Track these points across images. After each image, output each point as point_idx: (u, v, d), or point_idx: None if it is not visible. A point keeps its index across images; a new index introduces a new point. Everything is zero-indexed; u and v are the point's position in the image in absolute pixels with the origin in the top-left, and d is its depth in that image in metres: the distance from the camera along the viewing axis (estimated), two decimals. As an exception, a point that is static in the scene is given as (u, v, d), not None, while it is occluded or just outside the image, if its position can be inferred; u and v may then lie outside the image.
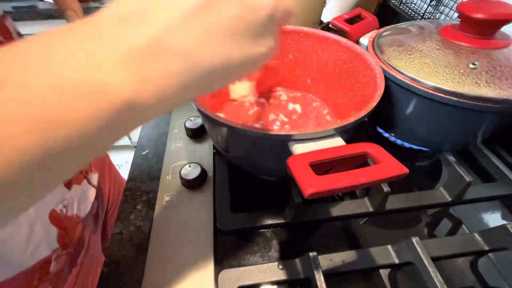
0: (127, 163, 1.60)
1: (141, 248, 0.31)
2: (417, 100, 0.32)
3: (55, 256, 0.31)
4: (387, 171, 0.21)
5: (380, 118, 0.40)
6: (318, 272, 0.26)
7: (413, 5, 0.66)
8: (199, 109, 0.28)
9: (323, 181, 0.19)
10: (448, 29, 0.34)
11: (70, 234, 0.33)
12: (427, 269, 0.26)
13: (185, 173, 0.36)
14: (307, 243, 0.32)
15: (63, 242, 0.32)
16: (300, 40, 0.42)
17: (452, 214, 0.35)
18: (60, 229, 0.32)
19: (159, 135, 0.45)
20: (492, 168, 0.39)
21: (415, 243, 0.27)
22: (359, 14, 0.43)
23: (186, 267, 0.29)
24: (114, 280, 0.29)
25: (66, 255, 0.33)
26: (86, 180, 0.38)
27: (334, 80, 0.41)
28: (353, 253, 0.30)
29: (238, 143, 0.30)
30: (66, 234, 0.33)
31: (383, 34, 0.39)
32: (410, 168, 0.21)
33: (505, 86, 0.28)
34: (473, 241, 0.31)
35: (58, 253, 0.31)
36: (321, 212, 0.34)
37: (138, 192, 0.37)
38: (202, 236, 0.31)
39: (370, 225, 0.34)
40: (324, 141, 0.25)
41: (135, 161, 0.41)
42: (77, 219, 0.35)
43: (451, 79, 0.29)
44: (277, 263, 0.29)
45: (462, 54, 0.31)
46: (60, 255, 0.32)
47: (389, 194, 0.32)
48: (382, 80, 0.31)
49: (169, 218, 0.33)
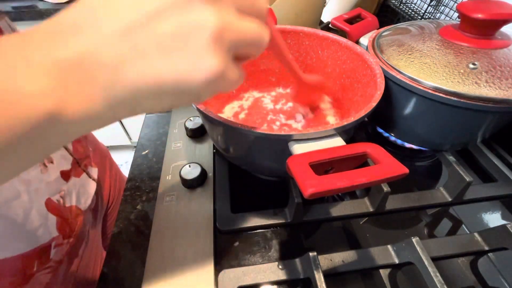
0: (127, 163, 1.60)
1: (141, 248, 0.31)
2: (417, 100, 0.32)
3: (54, 243, 0.32)
4: (387, 171, 0.21)
5: (380, 118, 0.40)
6: (318, 272, 0.26)
7: (413, 5, 0.66)
8: (199, 109, 0.28)
9: (323, 181, 0.19)
10: (448, 29, 0.34)
11: (71, 224, 0.34)
12: (427, 269, 0.26)
13: (185, 173, 0.36)
14: (307, 243, 0.32)
15: (64, 231, 0.33)
16: (300, 40, 0.42)
17: (452, 214, 0.35)
18: (59, 218, 0.32)
19: (159, 135, 0.45)
20: (492, 168, 0.39)
21: (415, 243, 0.27)
22: (359, 14, 0.43)
23: (186, 267, 0.29)
24: (114, 280, 0.29)
25: (68, 245, 0.34)
26: (85, 173, 0.39)
27: (334, 80, 0.41)
28: (353, 253, 0.30)
29: (238, 143, 0.30)
30: (67, 224, 0.33)
31: (383, 34, 0.39)
32: (410, 168, 0.21)
33: (505, 86, 0.28)
34: (473, 241, 0.31)
35: (58, 241, 0.32)
36: (321, 212, 0.34)
37: (138, 192, 0.37)
38: (202, 236, 0.31)
39: (370, 225, 0.34)
40: (324, 141, 0.25)
41: (135, 161, 0.41)
42: (78, 211, 0.36)
43: (451, 79, 0.29)
44: (277, 263, 0.29)
45: (462, 54, 0.31)
46: (61, 243, 0.32)
47: (389, 194, 0.32)
48: (382, 80, 0.31)
49: (169, 218, 0.33)
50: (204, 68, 0.15)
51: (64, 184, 0.34)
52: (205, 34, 0.14)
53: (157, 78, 0.14)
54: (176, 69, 0.14)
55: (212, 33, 0.14)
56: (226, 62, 0.15)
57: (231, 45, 0.15)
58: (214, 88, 0.16)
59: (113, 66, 0.13)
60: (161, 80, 0.14)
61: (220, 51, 0.15)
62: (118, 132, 1.52)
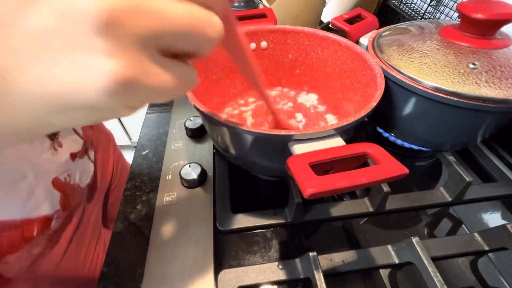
0: (127, 163, 1.60)
1: (141, 247, 0.31)
2: (417, 100, 0.32)
3: (56, 215, 0.34)
4: (387, 171, 0.21)
5: (380, 118, 0.40)
6: (318, 272, 0.26)
7: (413, 5, 0.66)
8: (199, 109, 0.28)
9: (323, 181, 0.19)
10: (448, 29, 0.34)
11: (70, 200, 0.37)
12: (427, 269, 0.26)
13: (185, 173, 0.36)
14: (307, 243, 0.32)
15: (64, 205, 0.36)
16: (300, 40, 0.42)
17: (452, 214, 0.35)
18: (63, 194, 0.35)
19: (159, 135, 0.45)
20: (492, 168, 0.39)
21: (415, 243, 0.27)
22: (359, 14, 0.43)
23: (186, 267, 0.29)
24: (114, 280, 0.29)
25: (65, 215, 0.37)
26: (87, 156, 0.42)
27: (334, 80, 0.41)
28: (353, 253, 0.30)
29: (238, 143, 0.30)
30: (67, 199, 0.36)
31: (383, 34, 0.39)
32: (410, 168, 0.21)
33: (505, 86, 0.28)
34: (473, 241, 0.31)
35: (59, 213, 0.35)
36: (321, 212, 0.34)
37: (138, 192, 0.37)
38: (202, 236, 0.31)
39: (370, 225, 0.34)
40: (324, 141, 0.25)
41: (135, 161, 0.41)
42: (78, 188, 0.39)
43: (451, 79, 0.29)
44: (277, 263, 0.29)
45: (462, 54, 0.31)
46: (60, 216, 0.35)
47: (389, 194, 0.32)
48: (382, 80, 0.31)
49: (169, 218, 0.33)
50: (97, 74, 0.11)
51: (71, 164, 0.37)
52: (87, 23, 0.10)
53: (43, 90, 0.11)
54: (60, 77, 0.11)
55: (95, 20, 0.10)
56: (134, 62, 0.11)
57: (145, 37, 0.11)
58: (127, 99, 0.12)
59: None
60: (48, 92, 0.11)
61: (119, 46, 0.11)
62: (118, 132, 1.52)
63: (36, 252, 0.33)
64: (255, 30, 0.41)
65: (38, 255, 0.33)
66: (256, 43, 0.42)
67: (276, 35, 0.42)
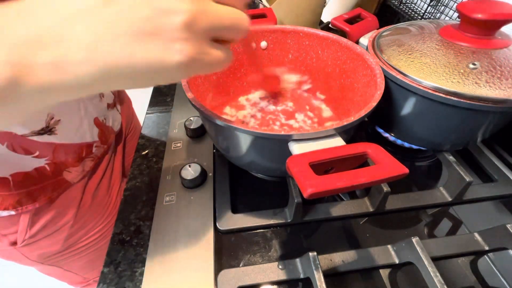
0: (127, 163, 1.59)
1: (141, 247, 0.31)
2: (417, 100, 0.32)
3: (95, 144, 0.45)
4: (387, 171, 0.21)
5: (380, 118, 0.40)
6: (318, 272, 0.26)
7: (413, 5, 0.66)
8: (199, 109, 0.28)
9: (323, 181, 0.19)
10: (448, 29, 0.34)
11: (107, 136, 0.48)
12: (427, 269, 0.26)
13: (185, 173, 0.36)
14: (307, 243, 0.32)
15: (101, 139, 0.47)
16: (300, 40, 0.42)
17: (452, 214, 0.35)
18: (100, 130, 0.46)
19: (159, 135, 0.45)
20: (492, 168, 0.39)
21: (415, 243, 0.27)
22: (359, 14, 0.43)
23: (186, 267, 0.29)
24: (114, 280, 0.29)
25: (103, 149, 0.48)
26: (115, 108, 0.52)
27: (334, 80, 0.41)
28: (353, 253, 0.30)
29: (238, 143, 0.30)
30: (104, 135, 0.47)
31: (383, 34, 0.39)
32: (410, 168, 0.21)
33: (505, 86, 0.28)
34: (473, 241, 0.31)
35: (97, 144, 0.46)
36: (321, 212, 0.34)
37: (138, 192, 0.37)
38: (202, 236, 0.31)
39: (370, 225, 0.34)
40: (324, 141, 0.25)
41: (135, 161, 0.41)
42: (111, 130, 0.50)
43: (451, 79, 0.29)
44: (277, 263, 0.29)
45: (462, 54, 0.31)
46: (99, 146, 0.46)
47: (389, 194, 0.32)
48: (382, 80, 0.31)
49: (169, 218, 0.33)
50: (176, 53, 0.16)
51: (107, 111, 0.48)
52: (177, 20, 0.15)
53: (129, 60, 0.15)
54: (147, 53, 0.15)
55: (184, 18, 0.15)
56: (199, 46, 0.16)
57: (206, 29, 0.16)
58: (190, 70, 0.17)
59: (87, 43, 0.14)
60: (133, 63, 0.15)
61: (192, 35, 0.16)
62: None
63: (86, 169, 0.45)
64: (255, 30, 0.41)
65: (85, 174, 0.45)
66: (256, 43, 0.42)
67: (276, 35, 0.42)
